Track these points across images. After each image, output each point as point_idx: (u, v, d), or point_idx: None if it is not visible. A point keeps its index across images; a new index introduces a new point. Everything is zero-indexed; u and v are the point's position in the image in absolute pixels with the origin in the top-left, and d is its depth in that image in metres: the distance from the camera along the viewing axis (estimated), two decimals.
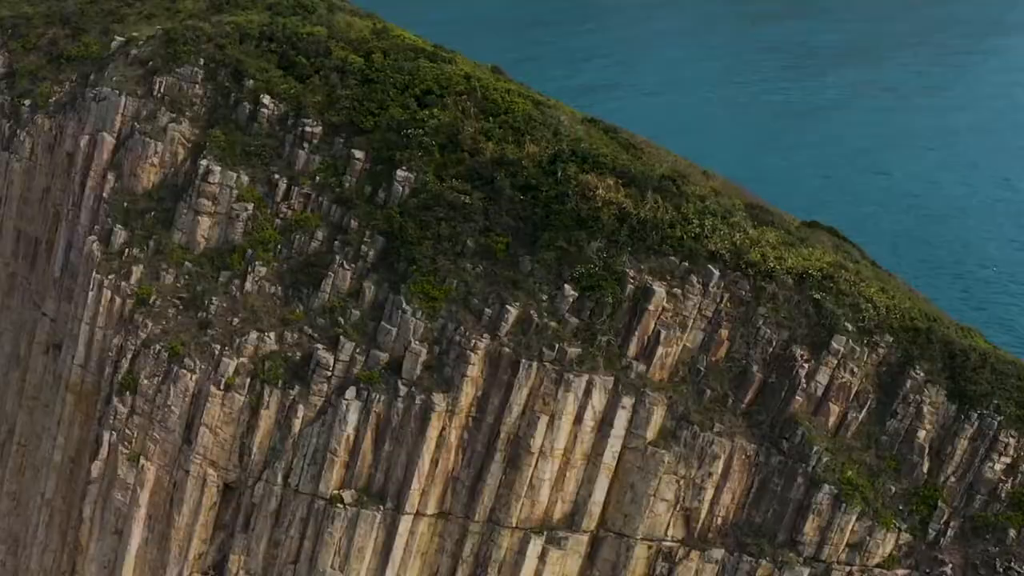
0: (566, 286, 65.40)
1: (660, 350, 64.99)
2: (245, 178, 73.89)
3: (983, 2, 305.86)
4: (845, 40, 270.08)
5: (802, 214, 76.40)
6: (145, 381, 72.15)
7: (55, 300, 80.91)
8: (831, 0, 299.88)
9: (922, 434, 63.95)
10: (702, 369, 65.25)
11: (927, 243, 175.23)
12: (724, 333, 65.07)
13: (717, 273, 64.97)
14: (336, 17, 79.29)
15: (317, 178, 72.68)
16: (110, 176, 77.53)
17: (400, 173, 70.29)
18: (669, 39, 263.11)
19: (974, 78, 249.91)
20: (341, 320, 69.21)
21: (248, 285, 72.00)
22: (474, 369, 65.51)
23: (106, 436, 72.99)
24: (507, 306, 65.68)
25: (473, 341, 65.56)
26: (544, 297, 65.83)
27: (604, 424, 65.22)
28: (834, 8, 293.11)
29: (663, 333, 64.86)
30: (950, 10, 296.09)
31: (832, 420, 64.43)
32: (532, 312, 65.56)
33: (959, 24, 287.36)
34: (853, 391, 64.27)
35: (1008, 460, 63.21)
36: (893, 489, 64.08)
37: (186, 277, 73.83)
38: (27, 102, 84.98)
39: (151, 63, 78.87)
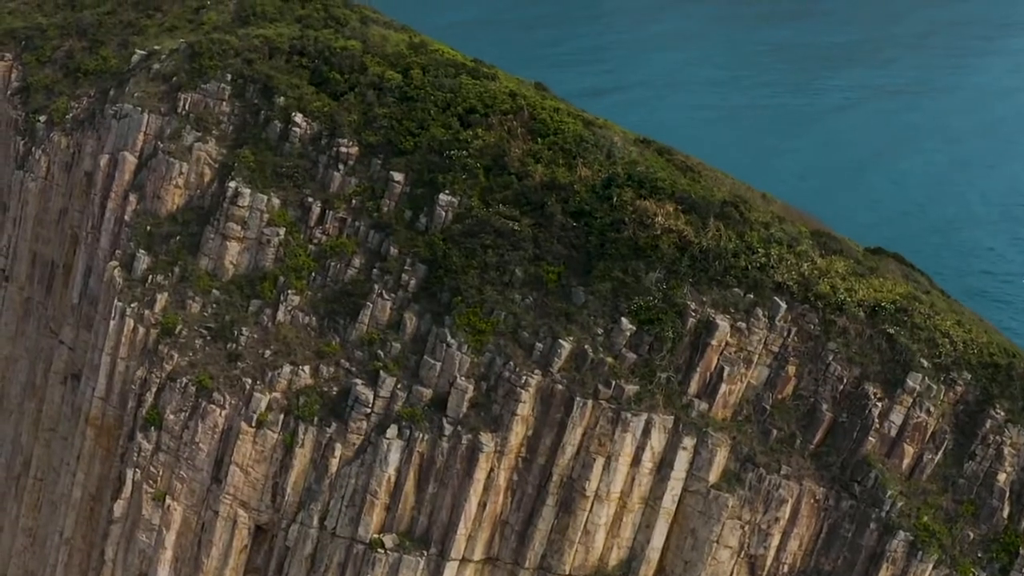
0: (623, 319, 61.57)
1: (723, 387, 61.24)
2: (276, 201, 69.92)
3: (988, 3, 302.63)
4: (851, 41, 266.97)
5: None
6: (171, 416, 68.32)
7: (73, 328, 76.87)
8: (836, 1, 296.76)
9: (1002, 477, 60.09)
10: (768, 408, 61.49)
11: (951, 249, 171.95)
12: (791, 369, 61.32)
13: (784, 306, 61.20)
14: (370, 30, 75.14)
15: (353, 202, 68.76)
16: (132, 198, 73.54)
17: (443, 197, 66.35)
18: (675, 41, 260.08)
19: (985, 79, 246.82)
20: (380, 353, 65.38)
21: (280, 315, 68.14)
22: (524, 407, 61.78)
23: (129, 474, 69.19)
24: (560, 340, 61.86)
25: (523, 377, 61.78)
26: (599, 331, 62.02)
27: (663, 466, 61.54)
28: (839, 10, 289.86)
29: (727, 369, 61.09)
30: (956, 10, 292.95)
31: (907, 462, 60.61)
32: (587, 347, 61.75)
33: (965, 25, 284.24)
34: (929, 431, 60.47)
35: None
36: (971, 535, 60.27)
37: (214, 306, 69.92)
38: (42, 118, 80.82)
39: (175, 78, 74.82)
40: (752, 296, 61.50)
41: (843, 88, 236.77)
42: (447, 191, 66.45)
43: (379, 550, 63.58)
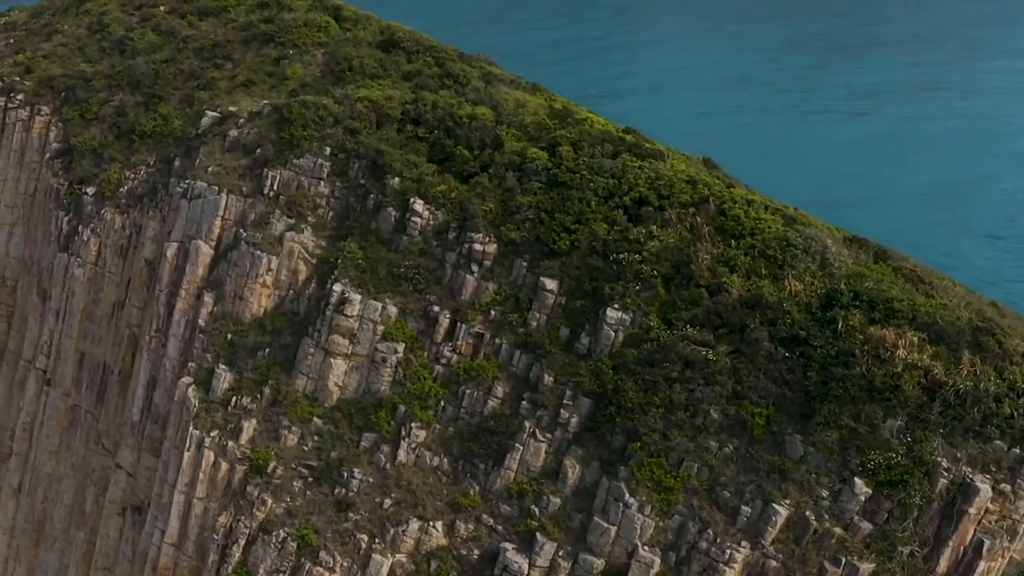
0: (856, 479, 48.68)
1: (981, 565, 48.61)
2: (393, 309, 56.80)
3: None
4: (865, 39, 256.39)
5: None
6: None
7: (133, 450, 63.70)
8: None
9: None
10: None
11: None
12: None
13: None
14: (498, 92, 61.39)
15: (492, 313, 55.57)
16: (207, 298, 60.41)
17: (611, 313, 53.19)
18: (686, 41, 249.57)
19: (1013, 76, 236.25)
20: (535, 509, 52.58)
21: (402, 454, 55.30)
22: None
23: None
24: (772, 504, 49.09)
25: (728, 550, 49.13)
26: (824, 493, 49.16)
27: None
28: (850, 11, 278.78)
29: (986, 543, 48.41)
30: (975, 8, 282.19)
31: None
32: (808, 513, 48.97)
33: (985, 24, 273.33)
34: None
35: None
36: None
37: (315, 439, 56.91)
38: (90, 190, 67.39)
39: (259, 150, 61.43)
40: (1018, 451, 48.66)
41: (853, 94, 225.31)
42: (616, 305, 53.29)
43: None
